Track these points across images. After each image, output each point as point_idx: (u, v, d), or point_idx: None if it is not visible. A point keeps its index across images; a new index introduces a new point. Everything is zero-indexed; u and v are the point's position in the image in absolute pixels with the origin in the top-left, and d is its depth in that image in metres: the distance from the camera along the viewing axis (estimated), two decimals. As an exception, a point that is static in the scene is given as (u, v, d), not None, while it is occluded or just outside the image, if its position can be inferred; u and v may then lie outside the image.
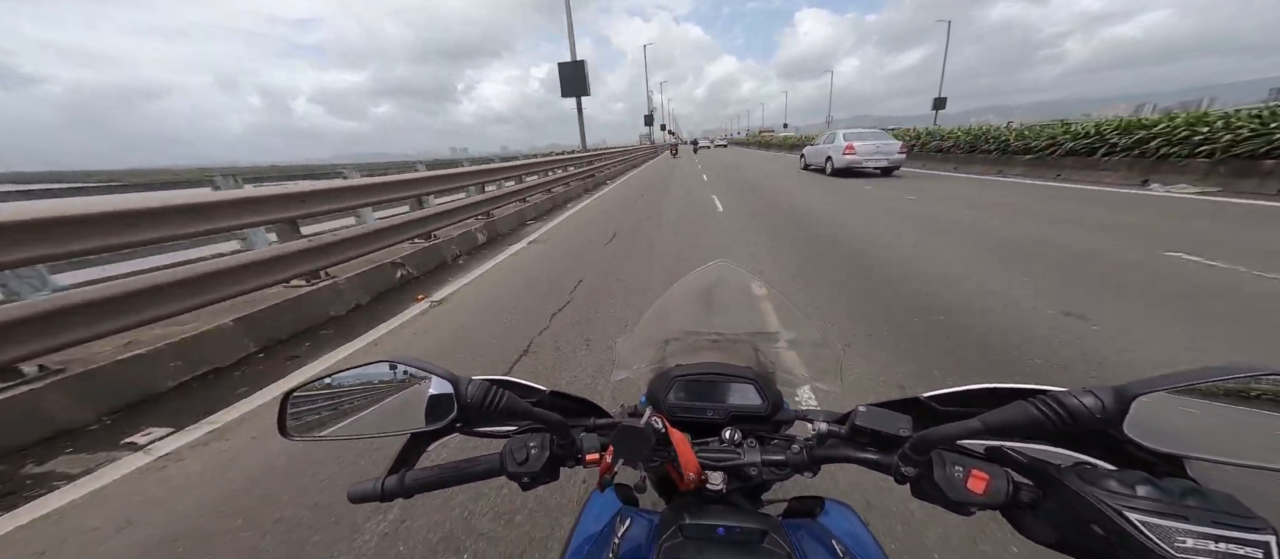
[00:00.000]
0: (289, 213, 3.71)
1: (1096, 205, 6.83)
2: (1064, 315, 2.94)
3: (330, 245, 3.89)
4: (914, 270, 4.06)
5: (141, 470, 1.94)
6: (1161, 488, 0.33)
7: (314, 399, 0.48)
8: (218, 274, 3.00)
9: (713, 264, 0.77)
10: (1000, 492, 0.39)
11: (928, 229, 5.70)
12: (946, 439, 0.39)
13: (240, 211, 3.27)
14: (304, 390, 0.48)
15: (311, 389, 0.48)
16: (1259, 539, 0.29)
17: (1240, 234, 4.69)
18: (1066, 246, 4.58)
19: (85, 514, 1.70)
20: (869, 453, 0.47)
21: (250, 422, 2.28)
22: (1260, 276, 3.43)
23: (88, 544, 1.54)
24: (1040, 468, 0.39)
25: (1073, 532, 0.36)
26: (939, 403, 0.48)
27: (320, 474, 1.80)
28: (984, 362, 2.47)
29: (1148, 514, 0.31)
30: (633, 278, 4.29)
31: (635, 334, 0.69)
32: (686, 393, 0.55)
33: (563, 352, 2.80)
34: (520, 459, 0.49)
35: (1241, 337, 2.60)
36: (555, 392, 0.56)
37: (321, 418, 0.47)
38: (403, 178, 5.30)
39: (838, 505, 0.59)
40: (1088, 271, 3.82)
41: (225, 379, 2.74)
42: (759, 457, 0.49)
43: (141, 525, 1.61)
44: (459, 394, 0.43)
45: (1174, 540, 0.30)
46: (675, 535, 0.46)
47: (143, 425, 2.28)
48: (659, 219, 7.44)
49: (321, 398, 0.48)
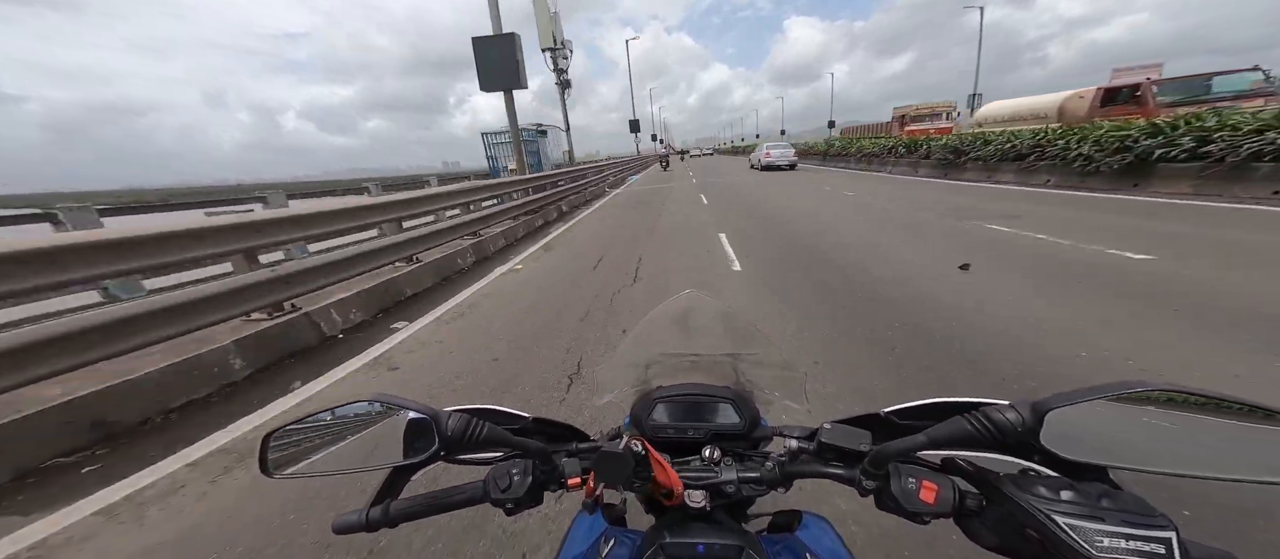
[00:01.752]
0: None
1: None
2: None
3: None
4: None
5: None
6: (1082, 492, 0.36)
7: (294, 437, 0.49)
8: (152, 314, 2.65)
9: (684, 294, 0.79)
10: (948, 501, 0.42)
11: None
12: (901, 452, 0.42)
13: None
14: (283, 431, 0.49)
15: (291, 429, 0.49)
16: (1161, 536, 0.32)
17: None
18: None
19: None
20: (835, 468, 0.49)
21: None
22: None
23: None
24: (983, 477, 0.42)
25: (1012, 536, 0.38)
26: (898, 417, 0.50)
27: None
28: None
29: (1072, 517, 0.34)
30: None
31: (613, 360, 0.71)
32: (668, 413, 0.57)
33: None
34: (503, 486, 0.50)
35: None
36: (538, 418, 0.58)
37: (302, 455, 0.48)
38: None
39: (815, 519, 0.61)
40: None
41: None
42: (736, 474, 0.51)
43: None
44: (439, 427, 0.45)
45: (1094, 541, 0.32)
46: (657, 554, 0.47)
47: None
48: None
49: (301, 436, 0.49)
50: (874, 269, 4.61)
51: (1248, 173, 6.36)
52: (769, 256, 5.52)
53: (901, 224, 6.86)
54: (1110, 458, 0.36)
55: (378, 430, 0.48)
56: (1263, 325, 2.74)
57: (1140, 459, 0.35)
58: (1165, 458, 0.34)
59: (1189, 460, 0.35)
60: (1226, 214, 5.67)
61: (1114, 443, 0.36)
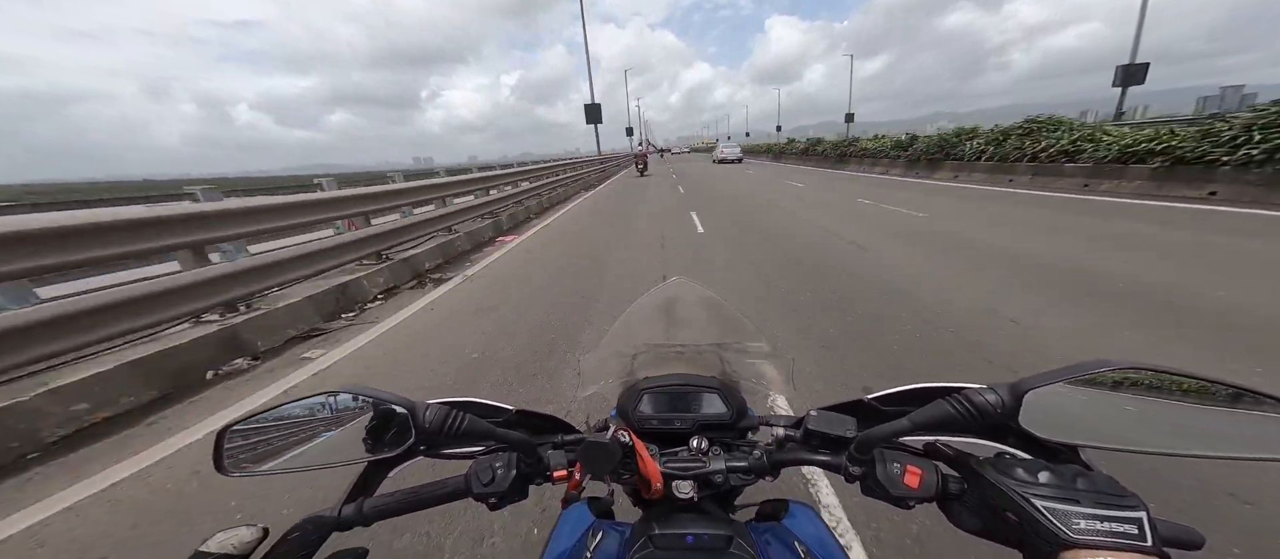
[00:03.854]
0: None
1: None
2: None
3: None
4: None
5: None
6: (1058, 474, 0.37)
7: (255, 433, 0.46)
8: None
9: (671, 281, 0.79)
10: (931, 485, 0.42)
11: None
12: (884, 437, 0.43)
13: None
14: (242, 424, 0.46)
15: (251, 423, 0.46)
16: (1134, 516, 0.33)
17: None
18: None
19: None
20: (821, 455, 0.49)
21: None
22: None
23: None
24: (964, 461, 0.43)
25: (992, 520, 0.39)
26: (882, 403, 0.51)
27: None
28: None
29: (1048, 499, 0.35)
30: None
31: (598, 351, 0.70)
32: (655, 404, 0.56)
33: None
34: (485, 480, 0.49)
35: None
36: (521, 410, 0.57)
37: (265, 451, 0.45)
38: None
39: (801, 507, 0.62)
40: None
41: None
42: (724, 463, 0.51)
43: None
44: (416, 420, 0.43)
45: (1070, 522, 0.33)
46: (645, 545, 0.47)
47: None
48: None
49: (264, 431, 0.46)
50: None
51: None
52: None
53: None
54: (1082, 437, 0.38)
55: (348, 423, 0.45)
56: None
57: (1111, 438, 0.37)
58: (1135, 437, 0.36)
59: (1159, 439, 0.36)
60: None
61: (1086, 423, 0.37)
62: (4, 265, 2.38)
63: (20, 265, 2.45)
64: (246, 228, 3.73)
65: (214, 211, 3.46)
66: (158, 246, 3.11)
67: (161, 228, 3.08)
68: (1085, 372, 0.36)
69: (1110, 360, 0.36)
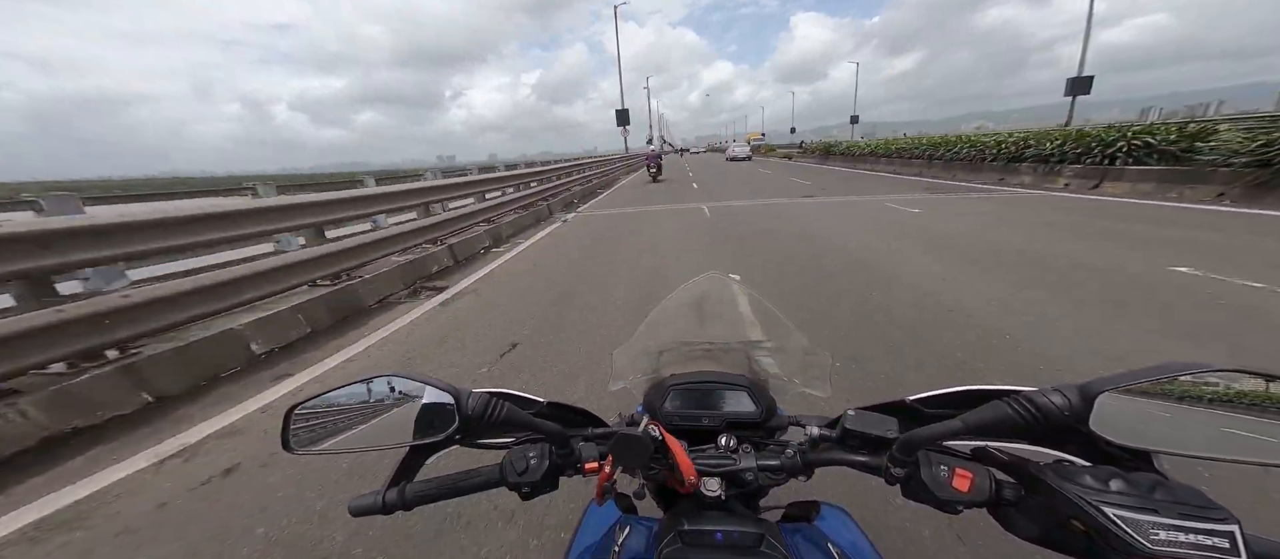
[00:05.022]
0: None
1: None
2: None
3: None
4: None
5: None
6: (1132, 482, 0.34)
7: (315, 414, 0.49)
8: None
9: (703, 276, 0.78)
10: (984, 490, 0.40)
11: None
12: (931, 439, 0.41)
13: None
14: (305, 406, 0.49)
15: (313, 405, 0.49)
16: (1224, 529, 0.30)
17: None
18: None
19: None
20: (860, 456, 0.48)
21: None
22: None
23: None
24: (1021, 466, 0.40)
25: (1054, 527, 0.37)
26: (924, 405, 0.49)
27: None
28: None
29: (1122, 508, 0.32)
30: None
31: (630, 346, 0.70)
32: (682, 401, 0.56)
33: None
34: (520, 469, 0.49)
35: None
36: (553, 402, 0.57)
37: (323, 432, 0.48)
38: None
39: (833, 510, 0.60)
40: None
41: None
42: (754, 462, 0.50)
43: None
44: (460, 406, 0.44)
45: (1148, 533, 0.31)
46: (674, 541, 0.46)
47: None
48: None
49: (323, 413, 0.49)
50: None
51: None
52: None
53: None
54: (1157, 443, 0.35)
55: (396, 407, 0.47)
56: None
57: (1188, 444, 0.34)
58: (1215, 443, 0.33)
59: (1239, 445, 0.33)
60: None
61: (1160, 428, 0.34)
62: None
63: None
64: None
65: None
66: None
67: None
68: (1168, 373, 0.33)
69: (1197, 363, 0.33)
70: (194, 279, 3.10)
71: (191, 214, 3.19)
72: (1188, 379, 0.33)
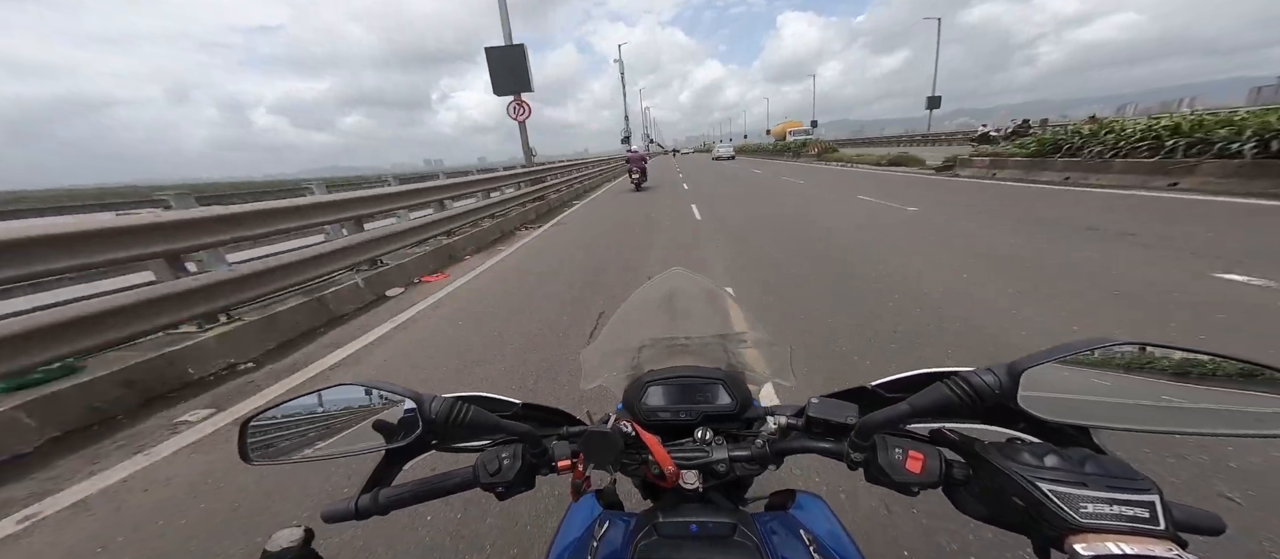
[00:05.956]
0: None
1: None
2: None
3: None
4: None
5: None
6: (1065, 457, 0.36)
7: (274, 425, 0.48)
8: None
9: (669, 272, 0.78)
10: (934, 470, 0.41)
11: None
12: (886, 423, 0.42)
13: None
14: (262, 417, 0.48)
15: (270, 416, 0.48)
16: (1145, 499, 0.32)
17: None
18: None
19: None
20: (824, 442, 0.49)
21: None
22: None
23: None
24: (969, 446, 0.42)
25: (998, 505, 0.38)
26: (884, 390, 0.50)
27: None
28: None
29: (1055, 483, 0.34)
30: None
31: (598, 344, 0.70)
32: (660, 396, 0.56)
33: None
34: (492, 470, 0.50)
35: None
36: (527, 403, 0.58)
37: (284, 442, 0.47)
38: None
39: (809, 497, 0.61)
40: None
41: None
42: (727, 453, 0.50)
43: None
44: (423, 411, 0.44)
45: (1078, 506, 0.32)
46: (650, 534, 0.47)
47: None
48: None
49: (282, 423, 0.48)
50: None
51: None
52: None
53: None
54: (1091, 418, 0.36)
55: (361, 415, 0.47)
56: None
57: (1123, 419, 0.35)
58: (1149, 417, 0.35)
59: (1173, 419, 0.35)
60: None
61: (1096, 404, 0.36)
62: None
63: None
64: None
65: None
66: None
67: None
68: (1080, 349, 0.35)
69: (1110, 338, 0.35)
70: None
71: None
72: (1117, 356, 0.35)
